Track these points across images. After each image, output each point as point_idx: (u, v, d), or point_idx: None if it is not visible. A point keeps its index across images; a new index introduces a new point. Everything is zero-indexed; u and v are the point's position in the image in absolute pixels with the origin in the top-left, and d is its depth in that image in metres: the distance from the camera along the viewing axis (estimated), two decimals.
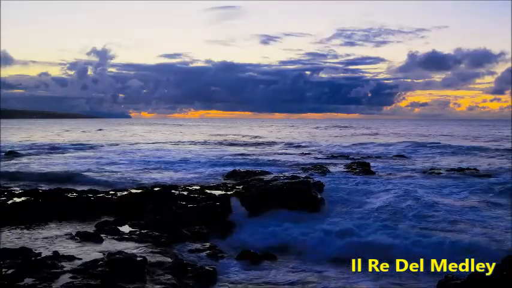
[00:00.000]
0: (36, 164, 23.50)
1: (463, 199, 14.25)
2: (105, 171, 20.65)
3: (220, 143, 43.59)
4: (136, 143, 42.70)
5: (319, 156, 30.39)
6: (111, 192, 13.34)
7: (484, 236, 9.72)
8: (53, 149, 34.08)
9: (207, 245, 9.43)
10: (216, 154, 30.67)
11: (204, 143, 44.37)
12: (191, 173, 20.99)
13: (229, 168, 21.59)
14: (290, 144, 41.16)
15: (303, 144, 41.07)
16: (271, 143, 43.21)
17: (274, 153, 32.58)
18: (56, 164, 23.88)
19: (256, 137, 56.08)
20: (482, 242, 9.21)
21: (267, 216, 11.42)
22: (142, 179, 18.53)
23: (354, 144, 40.04)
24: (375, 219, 11.17)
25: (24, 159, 26.17)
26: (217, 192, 13.69)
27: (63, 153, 31.16)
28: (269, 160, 27.03)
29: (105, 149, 34.77)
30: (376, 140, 46.78)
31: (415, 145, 37.45)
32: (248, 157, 28.83)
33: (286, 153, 32.83)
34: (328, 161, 26.15)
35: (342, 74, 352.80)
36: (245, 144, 42.09)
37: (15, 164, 23.51)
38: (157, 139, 49.85)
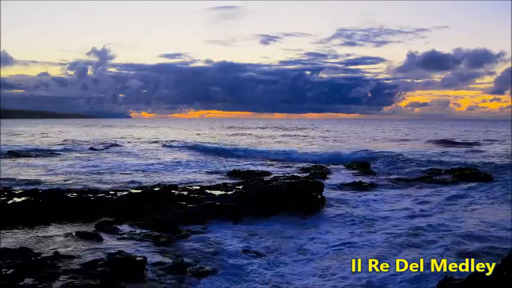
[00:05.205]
0: (36, 165, 23.47)
1: (463, 203, 14.03)
2: (104, 173, 20.61)
3: (220, 143, 43.50)
4: (136, 144, 42.67)
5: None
6: (111, 192, 13.31)
7: (483, 236, 9.72)
8: (53, 150, 34.03)
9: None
10: (215, 154, 30.63)
11: (203, 142, 44.28)
12: (191, 172, 20.98)
13: (229, 168, 21.60)
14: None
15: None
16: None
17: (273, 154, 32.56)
18: (55, 165, 23.85)
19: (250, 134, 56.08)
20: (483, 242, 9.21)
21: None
22: (142, 179, 18.50)
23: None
24: None
25: (24, 160, 26.14)
26: (217, 192, 13.69)
27: (62, 154, 31.11)
28: (269, 160, 27.04)
29: (105, 150, 34.74)
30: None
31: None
32: (246, 157, 28.82)
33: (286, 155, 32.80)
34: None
35: (342, 74, 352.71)
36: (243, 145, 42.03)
37: (16, 164, 23.48)
38: (157, 139, 49.77)
